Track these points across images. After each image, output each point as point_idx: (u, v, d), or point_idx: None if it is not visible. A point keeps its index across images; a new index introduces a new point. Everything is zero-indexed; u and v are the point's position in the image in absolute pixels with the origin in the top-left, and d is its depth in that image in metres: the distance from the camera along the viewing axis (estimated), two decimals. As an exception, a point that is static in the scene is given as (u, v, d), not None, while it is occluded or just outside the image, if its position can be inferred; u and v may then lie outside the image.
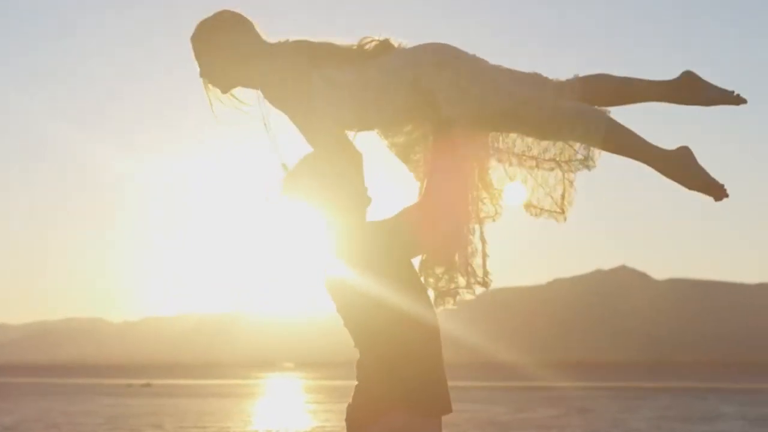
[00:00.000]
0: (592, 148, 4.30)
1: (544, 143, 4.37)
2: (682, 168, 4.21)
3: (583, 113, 4.22)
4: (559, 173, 4.42)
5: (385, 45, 4.39)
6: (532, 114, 4.20)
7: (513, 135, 4.41)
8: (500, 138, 4.42)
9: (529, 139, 4.39)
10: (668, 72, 4.40)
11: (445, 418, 4.16)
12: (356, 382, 4.16)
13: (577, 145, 4.35)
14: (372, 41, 4.41)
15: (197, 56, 4.37)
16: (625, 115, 4.31)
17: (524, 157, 4.42)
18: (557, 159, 4.38)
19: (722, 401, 39.58)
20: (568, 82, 4.32)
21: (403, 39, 4.42)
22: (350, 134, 4.37)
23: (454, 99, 4.19)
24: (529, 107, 4.20)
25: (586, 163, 4.32)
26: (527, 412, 32.29)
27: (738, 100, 4.33)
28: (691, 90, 4.34)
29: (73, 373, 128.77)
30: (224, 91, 4.39)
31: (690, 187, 4.24)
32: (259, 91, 4.41)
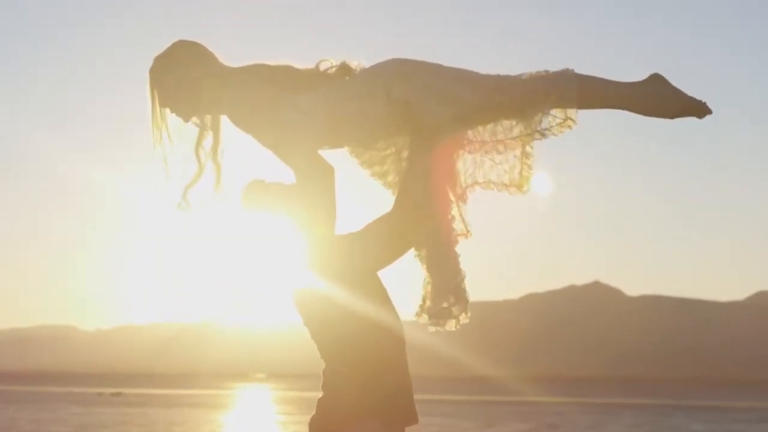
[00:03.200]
0: (568, 110, 4.26)
1: (507, 123, 4.34)
2: (658, 99, 4.19)
3: (549, 78, 4.22)
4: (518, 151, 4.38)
5: (344, 67, 4.42)
6: (506, 97, 4.21)
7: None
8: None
9: (495, 124, 4.37)
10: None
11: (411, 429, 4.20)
12: (321, 393, 4.18)
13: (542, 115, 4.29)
14: (332, 65, 4.44)
15: (157, 86, 4.37)
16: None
17: (492, 143, 4.41)
18: (523, 134, 4.33)
19: (691, 418, 39.69)
20: (565, 75, 4.25)
21: (358, 59, 4.43)
22: (322, 152, 4.38)
23: (433, 104, 4.21)
24: (502, 92, 4.22)
25: (567, 123, 4.26)
26: (497, 426, 32.30)
27: (703, 111, 4.24)
28: (657, 92, 4.23)
29: (44, 380, 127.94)
30: (186, 120, 4.40)
31: (672, 117, 4.22)
32: (213, 116, 4.45)
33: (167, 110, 4.39)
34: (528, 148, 4.34)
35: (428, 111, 4.21)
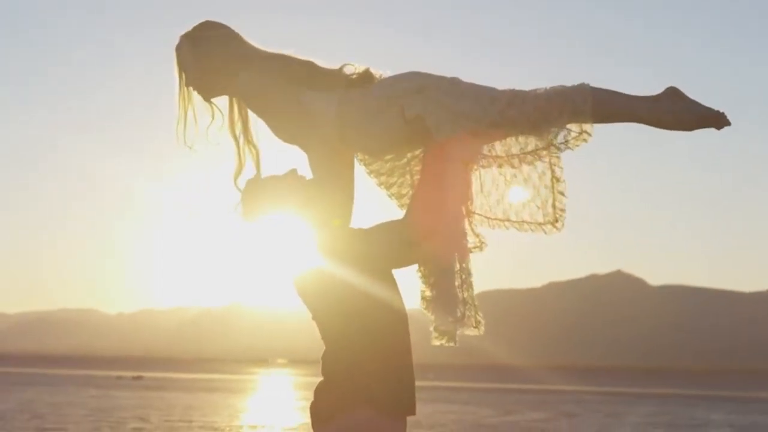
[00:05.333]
0: (583, 124, 4.22)
1: (522, 138, 4.30)
2: (675, 112, 4.13)
3: (563, 93, 4.17)
4: (542, 171, 4.31)
5: (366, 75, 4.41)
6: (519, 113, 4.17)
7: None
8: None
9: (509, 139, 4.33)
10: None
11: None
12: (321, 378, 4.15)
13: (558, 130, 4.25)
14: (355, 71, 4.42)
15: (182, 65, 4.40)
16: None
17: (506, 158, 4.36)
18: (538, 148, 4.29)
19: (711, 408, 39.55)
20: (579, 89, 4.20)
21: (382, 69, 4.43)
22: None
23: (444, 121, 4.17)
24: (514, 108, 4.17)
25: (582, 137, 4.21)
26: (515, 414, 32.26)
27: (721, 122, 4.16)
28: (673, 105, 4.17)
29: (65, 363, 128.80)
30: (207, 99, 4.42)
31: (690, 129, 4.16)
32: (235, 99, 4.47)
33: (192, 90, 4.42)
34: (557, 171, 4.29)
35: (440, 126, 4.18)
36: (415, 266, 4.40)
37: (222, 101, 4.47)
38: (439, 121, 4.17)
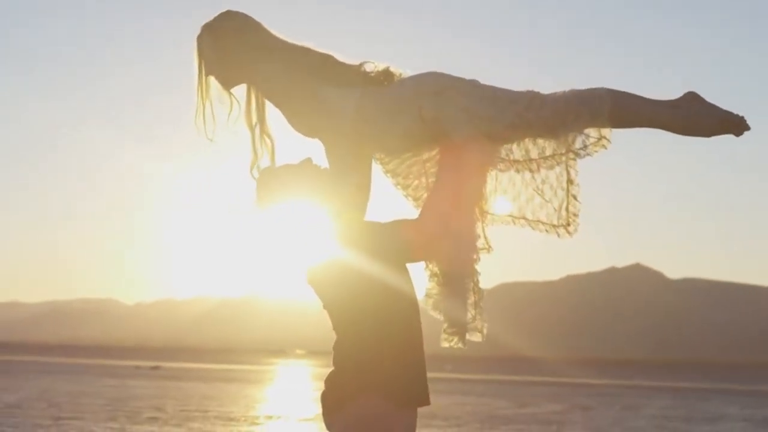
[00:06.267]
0: (602, 129, 4.20)
1: (540, 141, 4.29)
2: (694, 117, 4.12)
3: (581, 96, 4.17)
4: (560, 173, 4.31)
5: (386, 73, 4.41)
6: (537, 116, 4.17)
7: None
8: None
9: (527, 142, 4.32)
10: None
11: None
12: (332, 367, 4.16)
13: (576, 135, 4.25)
14: (375, 68, 4.42)
15: (203, 54, 4.40)
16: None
17: (524, 162, 4.35)
18: (556, 153, 4.27)
19: (727, 402, 39.45)
20: (597, 93, 4.20)
21: (402, 69, 4.42)
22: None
23: (461, 123, 4.18)
24: (532, 111, 4.17)
25: (601, 143, 4.19)
26: (530, 407, 32.23)
27: (741, 127, 4.14)
28: (692, 110, 4.15)
29: (83, 353, 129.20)
30: (226, 89, 4.42)
31: (709, 135, 4.14)
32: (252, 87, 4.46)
33: (212, 79, 4.42)
34: (573, 174, 4.28)
35: (457, 129, 4.18)
36: (422, 264, 4.41)
37: (239, 91, 4.47)
38: (457, 124, 4.18)
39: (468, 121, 4.17)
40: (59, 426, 20.34)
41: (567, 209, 4.30)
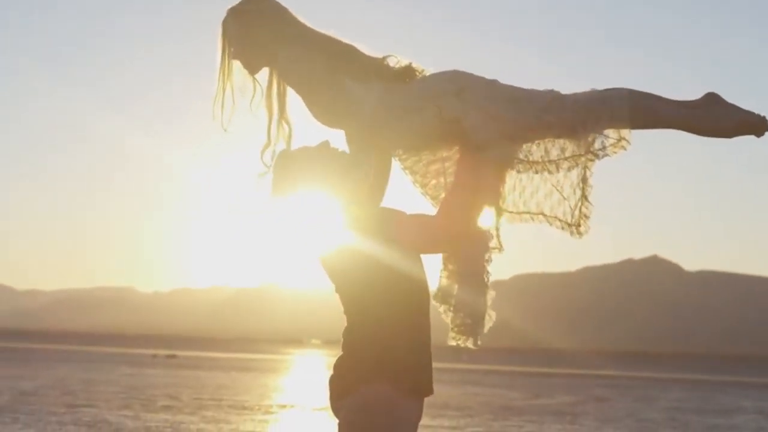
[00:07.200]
0: (621, 130, 4.17)
1: (560, 142, 4.27)
2: (715, 118, 4.09)
3: (602, 98, 4.15)
4: (578, 173, 4.30)
5: (408, 69, 4.39)
6: (557, 118, 4.16)
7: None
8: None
9: (546, 143, 4.31)
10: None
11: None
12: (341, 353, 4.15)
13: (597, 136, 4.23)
14: (398, 63, 4.40)
15: (227, 38, 4.37)
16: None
17: (543, 163, 4.34)
18: (575, 154, 4.26)
19: (741, 395, 39.43)
20: (618, 94, 4.18)
21: (425, 66, 4.40)
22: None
23: (480, 123, 4.17)
24: (552, 113, 4.16)
25: (621, 144, 4.17)
26: (543, 398, 32.27)
27: (762, 127, 4.10)
28: (713, 111, 4.12)
29: (100, 341, 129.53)
30: (253, 73, 4.40)
31: (730, 136, 4.12)
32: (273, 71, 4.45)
33: (235, 64, 4.39)
34: (588, 174, 4.27)
35: (476, 130, 4.17)
36: (438, 258, 4.40)
37: (261, 75, 4.44)
38: (476, 124, 4.17)
39: (487, 122, 4.17)
40: (73, 413, 20.46)
41: (580, 210, 4.30)
